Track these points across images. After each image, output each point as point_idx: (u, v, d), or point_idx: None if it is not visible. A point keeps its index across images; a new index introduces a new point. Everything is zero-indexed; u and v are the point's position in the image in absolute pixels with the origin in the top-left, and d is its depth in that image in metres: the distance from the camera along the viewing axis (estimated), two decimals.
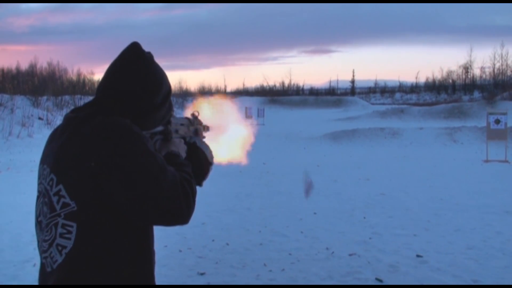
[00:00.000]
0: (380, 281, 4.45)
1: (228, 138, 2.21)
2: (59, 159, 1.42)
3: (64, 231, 1.38)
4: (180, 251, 5.42)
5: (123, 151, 1.37)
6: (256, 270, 4.80)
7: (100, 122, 1.41)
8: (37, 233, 1.49)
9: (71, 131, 1.44)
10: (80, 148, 1.39)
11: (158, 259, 5.41)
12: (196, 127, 1.92)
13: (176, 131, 1.77)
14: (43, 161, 1.50)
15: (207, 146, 1.89)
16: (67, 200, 1.38)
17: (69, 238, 1.37)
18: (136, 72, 1.51)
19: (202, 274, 4.71)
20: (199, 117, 1.96)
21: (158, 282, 4.82)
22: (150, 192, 1.36)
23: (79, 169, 1.37)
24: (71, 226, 1.37)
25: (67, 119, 1.50)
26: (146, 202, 1.37)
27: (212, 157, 1.89)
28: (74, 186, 1.38)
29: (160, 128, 1.68)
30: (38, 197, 1.50)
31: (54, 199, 1.40)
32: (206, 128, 2.05)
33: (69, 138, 1.43)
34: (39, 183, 1.49)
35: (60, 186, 1.40)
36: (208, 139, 1.99)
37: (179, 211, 1.41)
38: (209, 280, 4.56)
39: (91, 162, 1.36)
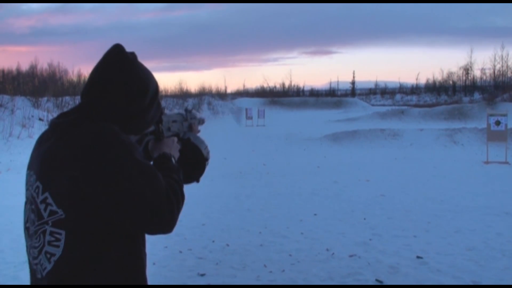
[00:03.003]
0: (380, 282, 4.45)
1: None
2: (45, 166, 1.41)
3: (53, 238, 1.36)
4: (180, 252, 5.42)
5: (108, 160, 1.35)
6: (256, 271, 4.80)
7: (85, 129, 1.39)
8: (26, 239, 1.48)
9: (57, 138, 1.42)
10: (65, 156, 1.37)
11: (158, 260, 5.39)
12: (190, 122, 1.87)
13: (169, 129, 1.73)
14: (30, 167, 1.48)
15: (202, 141, 1.83)
16: (54, 208, 1.36)
17: (57, 246, 1.36)
18: (119, 74, 1.47)
19: (202, 275, 4.71)
20: (193, 111, 1.92)
21: (158, 283, 4.78)
22: (134, 202, 1.35)
23: (64, 177, 1.35)
24: (60, 234, 1.35)
25: (53, 125, 1.46)
26: (129, 211, 1.35)
27: (208, 152, 1.83)
28: (60, 194, 1.36)
29: (151, 128, 1.64)
30: (25, 203, 1.48)
31: (41, 206, 1.38)
32: (201, 121, 2.00)
33: (55, 146, 1.41)
34: (27, 189, 1.47)
35: (47, 194, 1.38)
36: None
37: (163, 221, 1.40)
38: (209, 281, 4.56)
39: (76, 170, 1.34)
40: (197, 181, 1.83)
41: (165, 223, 1.41)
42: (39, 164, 1.43)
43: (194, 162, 1.78)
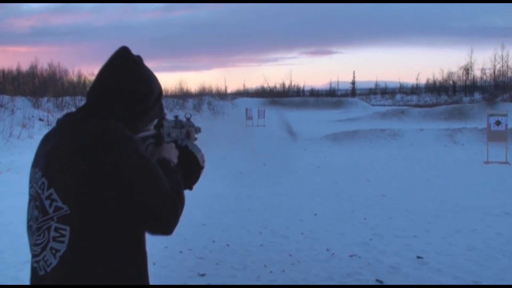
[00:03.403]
0: (380, 282, 4.45)
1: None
2: (51, 163, 1.42)
3: (58, 234, 1.37)
4: (181, 252, 5.42)
5: (115, 156, 1.37)
6: (256, 271, 4.81)
7: (92, 126, 1.41)
8: (28, 237, 1.49)
9: (63, 135, 1.44)
10: (72, 152, 1.39)
11: (159, 260, 5.39)
12: (187, 129, 1.92)
13: (169, 134, 1.77)
14: (35, 164, 1.50)
15: (198, 149, 1.88)
16: (59, 203, 1.38)
17: (62, 242, 1.37)
18: (126, 76, 1.51)
19: (202, 275, 4.71)
20: (191, 119, 1.96)
21: (158, 283, 4.78)
22: (138, 199, 1.36)
23: (71, 173, 1.37)
24: (64, 230, 1.37)
25: (60, 123, 1.49)
26: (133, 208, 1.37)
27: (203, 160, 1.87)
28: (66, 190, 1.37)
29: (152, 131, 1.68)
30: (29, 201, 1.49)
31: (46, 202, 1.40)
32: (198, 130, 2.04)
33: (61, 142, 1.43)
34: (31, 187, 1.49)
35: (52, 190, 1.39)
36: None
37: (166, 220, 1.41)
38: (209, 281, 4.56)
39: (83, 166, 1.36)
40: (190, 188, 1.87)
41: (167, 222, 1.42)
42: (44, 161, 1.45)
43: (189, 169, 1.81)
